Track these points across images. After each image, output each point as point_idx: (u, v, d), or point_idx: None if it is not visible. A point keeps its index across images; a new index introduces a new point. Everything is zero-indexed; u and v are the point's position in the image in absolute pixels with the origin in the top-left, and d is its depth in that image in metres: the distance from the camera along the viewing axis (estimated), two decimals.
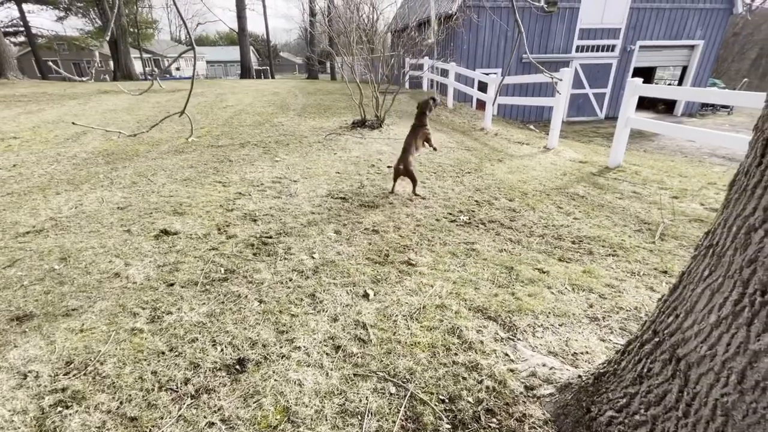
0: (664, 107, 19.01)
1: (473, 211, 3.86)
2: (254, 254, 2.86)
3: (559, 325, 2.06)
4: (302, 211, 3.66)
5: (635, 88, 5.33)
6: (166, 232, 3.17)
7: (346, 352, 1.89)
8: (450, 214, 3.77)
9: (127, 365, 1.81)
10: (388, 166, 5.20)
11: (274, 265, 2.70)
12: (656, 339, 1.05)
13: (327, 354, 1.88)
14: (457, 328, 2.01)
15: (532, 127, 12.72)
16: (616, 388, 1.17)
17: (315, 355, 1.87)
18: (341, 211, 3.71)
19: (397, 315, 2.15)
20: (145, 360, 1.84)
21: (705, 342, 0.89)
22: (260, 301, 2.30)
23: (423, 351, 1.87)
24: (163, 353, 1.89)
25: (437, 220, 3.60)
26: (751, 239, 0.79)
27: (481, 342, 1.90)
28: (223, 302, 2.29)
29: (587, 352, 1.81)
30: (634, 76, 16.26)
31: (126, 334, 2.01)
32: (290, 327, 2.07)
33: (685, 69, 18.05)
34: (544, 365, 1.68)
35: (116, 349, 1.90)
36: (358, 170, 5.01)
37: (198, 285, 2.46)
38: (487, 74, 9.45)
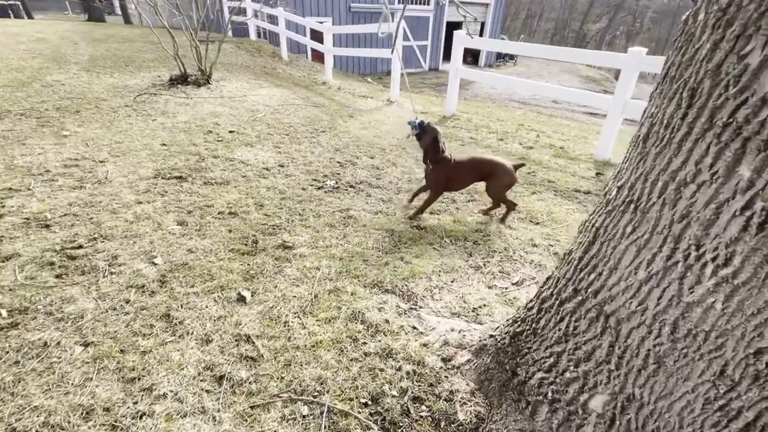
0: (471, 59, 21.89)
1: (339, 174, 3.63)
2: (58, 276, 2.02)
3: (451, 281, 2.10)
4: (123, 203, 2.77)
5: (461, 40, 5.76)
6: None
7: (233, 380, 1.50)
8: (315, 180, 3.45)
9: None
10: (231, 131, 4.43)
11: (97, 286, 1.96)
12: (579, 297, 1.06)
13: (208, 391, 1.46)
14: (359, 312, 1.83)
15: (369, 79, 12.92)
16: (539, 348, 1.19)
17: (191, 399, 1.42)
18: (181, 194, 2.96)
19: (286, 314, 1.83)
20: None
21: (634, 297, 0.91)
22: (85, 345, 1.63)
23: (328, 350, 1.63)
24: None
25: (303, 189, 3.25)
26: (681, 194, 0.79)
27: (387, 321, 1.77)
28: (18, 362, 1.53)
29: (484, 305, 1.89)
30: (447, 30, 18.02)
31: None
32: (144, 370, 1.53)
33: (483, 25, 20.92)
34: (452, 330, 1.66)
35: None
36: (191, 139, 4.10)
37: None
38: (320, 23, 8.90)
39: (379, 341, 1.66)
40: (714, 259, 0.75)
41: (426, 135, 2.61)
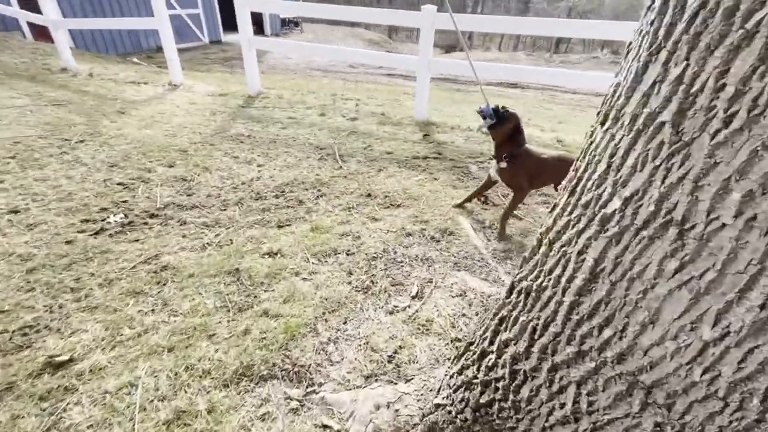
0: (255, 28, 20.19)
1: (126, 202, 2.51)
2: None
3: (343, 323, 1.58)
4: None
5: (245, 2, 4.84)
6: None
7: None
8: (87, 221, 2.27)
9: None
10: None
11: None
12: (588, 364, 0.73)
13: None
14: None
15: (136, 60, 10.26)
16: (531, 429, 0.84)
17: None
18: None
19: None
20: None
21: (696, 363, 0.61)
22: None
23: None
24: None
25: (68, 242, 2.08)
26: None
27: None
28: None
29: (400, 346, 1.45)
30: None
31: None
32: None
33: None
34: (378, 407, 1.18)
35: None
36: None
37: None
38: None
39: None
40: None
41: (503, 124, 2.04)
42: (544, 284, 0.79)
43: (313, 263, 1.96)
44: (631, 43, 0.66)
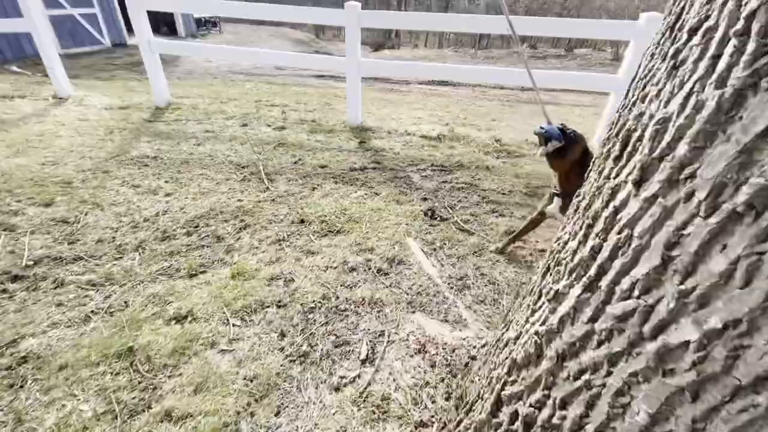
0: (167, 29, 18.43)
1: None
2: None
3: (275, 414, 1.22)
4: None
5: (140, 2, 4.15)
6: None
7: None
8: None
9: None
10: None
11: None
12: None
13: None
14: None
15: (15, 68, 8.73)
16: None
17: None
18: None
19: None
20: None
21: None
22: None
23: None
24: None
25: None
26: None
27: None
28: None
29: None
30: None
31: None
32: None
33: None
34: None
35: None
36: None
37: None
38: None
39: None
40: None
41: (573, 147, 1.55)
42: (554, 421, 0.52)
43: (234, 325, 1.57)
44: (679, 49, 0.40)
